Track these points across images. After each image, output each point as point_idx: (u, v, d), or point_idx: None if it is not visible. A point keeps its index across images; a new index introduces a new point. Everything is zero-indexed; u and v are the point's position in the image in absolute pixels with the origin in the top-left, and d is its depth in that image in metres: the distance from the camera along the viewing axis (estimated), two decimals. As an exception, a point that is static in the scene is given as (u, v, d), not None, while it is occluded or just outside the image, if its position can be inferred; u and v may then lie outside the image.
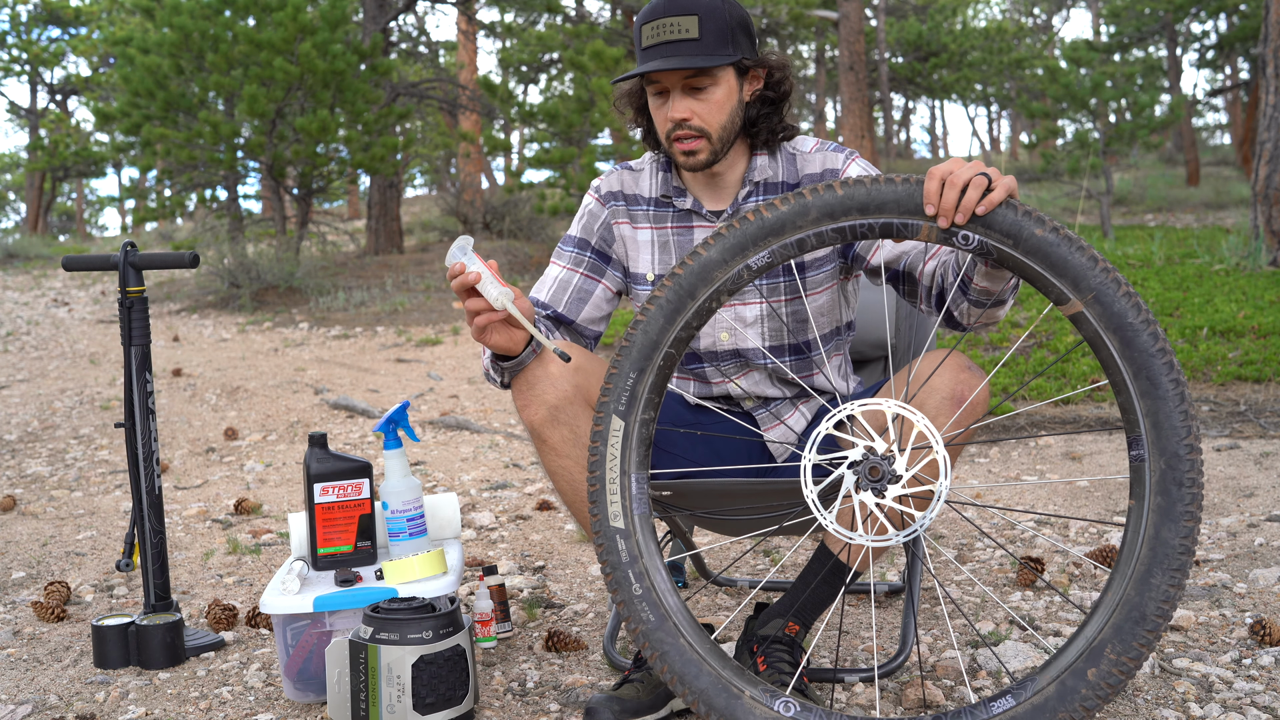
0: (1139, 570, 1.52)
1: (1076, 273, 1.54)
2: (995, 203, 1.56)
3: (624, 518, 1.68)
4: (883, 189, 1.59)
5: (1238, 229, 9.25)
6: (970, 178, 1.56)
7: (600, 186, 2.11)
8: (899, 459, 1.61)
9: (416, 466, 4.26)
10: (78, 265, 2.47)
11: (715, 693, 1.61)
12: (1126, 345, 1.53)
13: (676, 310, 1.66)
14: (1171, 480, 1.51)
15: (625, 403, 1.68)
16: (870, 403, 1.63)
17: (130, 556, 2.37)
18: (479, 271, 1.75)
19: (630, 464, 1.68)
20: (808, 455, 1.63)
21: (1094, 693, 1.51)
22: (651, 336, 1.67)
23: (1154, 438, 1.52)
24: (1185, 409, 1.51)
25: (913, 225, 1.59)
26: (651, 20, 1.89)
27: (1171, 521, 1.51)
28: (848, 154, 2.01)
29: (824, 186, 1.62)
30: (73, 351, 7.98)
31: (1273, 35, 7.15)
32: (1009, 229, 1.56)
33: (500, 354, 1.88)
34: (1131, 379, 1.53)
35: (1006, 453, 4.07)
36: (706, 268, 1.65)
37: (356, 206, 25.17)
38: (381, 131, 11.87)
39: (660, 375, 1.68)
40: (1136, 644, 1.50)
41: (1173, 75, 21.12)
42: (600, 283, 2.08)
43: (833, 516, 1.63)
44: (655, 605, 1.65)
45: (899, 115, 33.58)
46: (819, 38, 21.83)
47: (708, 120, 1.91)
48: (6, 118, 41.46)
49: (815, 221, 1.62)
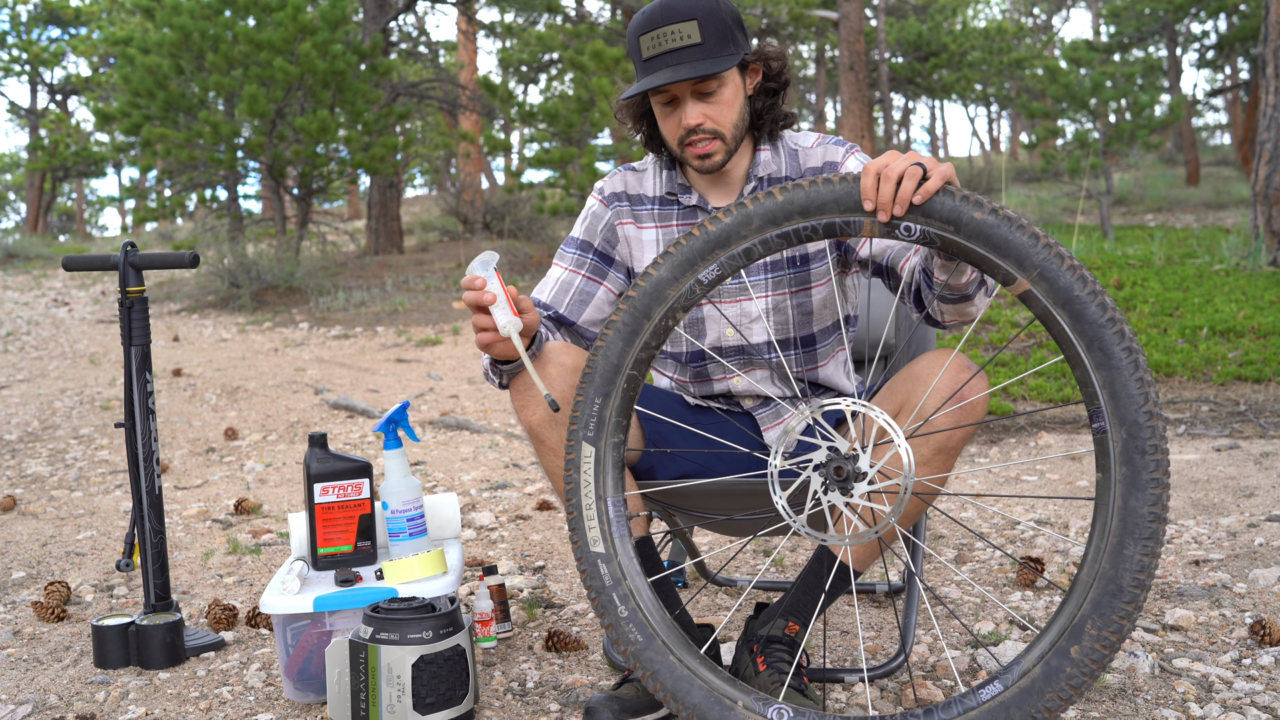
0: (1111, 543, 1.50)
1: (1019, 252, 1.53)
2: (931, 191, 1.55)
3: (604, 542, 1.69)
4: (821, 190, 1.60)
5: (1238, 229, 9.25)
6: (905, 169, 1.55)
7: (604, 188, 2.11)
8: (863, 457, 1.61)
9: (416, 466, 4.26)
10: (78, 265, 2.47)
11: (709, 706, 1.62)
12: (1076, 318, 1.52)
13: (634, 332, 1.68)
14: (1134, 449, 1.50)
15: (594, 428, 1.69)
16: (830, 403, 1.64)
17: (130, 556, 2.37)
18: (495, 294, 1.78)
19: (605, 488, 1.70)
20: (774, 460, 1.64)
21: (1079, 670, 1.50)
22: (612, 361, 1.69)
23: (1113, 408, 1.51)
24: (1140, 376, 1.50)
25: (855, 222, 1.59)
26: (649, 30, 1.87)
27: (1139, 490, 1.50)
28: (848, 147, 2.01)
29: (764, 194, 1.62)
30: (73, 351, 7.98)
31: (1273, 35, 7.15)
32: (948, 215, 1.55)
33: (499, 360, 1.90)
34: (1085, 351, 1.52)
35: (1006, 453, 4.07)
36: (659, 287, 1.66)
37: (356, 206, 25.19)
38: (381, 131, 11.87)
39: (625, 398, 1.69)
40: (1116, 617, 1.49)
41: (1173, 75, 21.12)
42: (602, 285, 2.08)
43: (803, 519, 1.63)
44: (642, 626, 1.67)
45: (899, 115, 33.57)
46: (819, 38, 21.82)
47: (721, 122, 1.92)
48: (6, 118, 41.51)
49: (759, 229, 1.62)
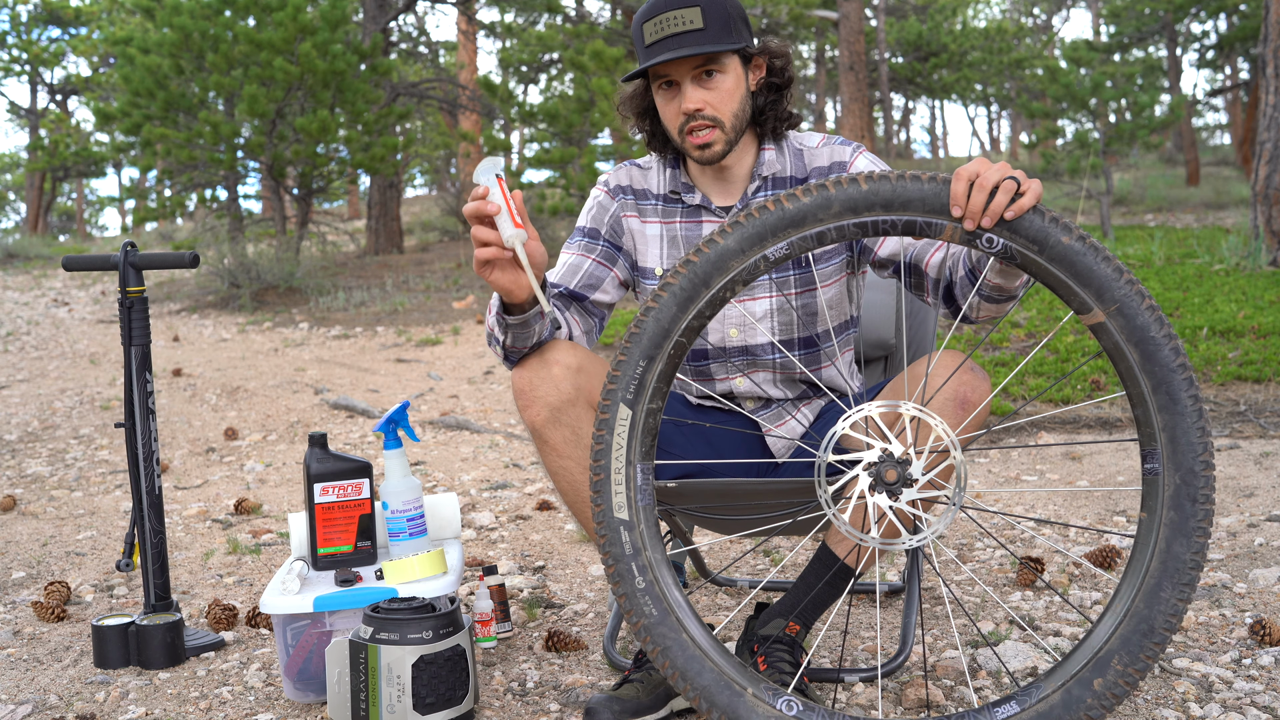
0: (1149, 583, 1.51)
1: (1101, 283, 1.52)
2: (1025, 208, 1.53)
3: (629, 509, 1.64)
4: (909, 186, 1.55)
5: (1238, 229, 9.25)
6: (999, 180, 1.53)
7: (609, 181, 2.12)
8: (916, 463, 1.59)
9: (416, 466, 4.26)
10: (78, 265, 2.47)
11: (718, 690, 1.60)
12: (1148, 359, 1.51)
13: (690, 298, 1.61)
14: (1186, 496, 1.51)
15: (634, 391, 1.63)
16: (888, 404, 1.61)
17: (130, 556, 2.37)
18: (499, 205, 1.69)
19: (636, 454, 1.64)
20: (822, 455, 1.61)
21: (1099, 702, 1.51)
22: (663, 324, 1.62)
23: (1170, 452, 1.52)
24: (1202, 425, 1.51)
25: (937, 225, 1.56)
26: (653, 17, 1.88)
27: (1184, 536, 1.51)
28: (855, 147, 2.02)
29: (848, 179, 1.57)
30: (73, 351, 7.98)
31: (1273, 35, 7.15)
32: (1035, 235, 1.53)
33: (507, 306, 1.83)
34: (1151, 393, 1.52)
35: (1006, 453, 4.07)
36: (723, 256, 1.60)
37: (356, 206, 25.17)
38: (381, 131, 11.87)
39: (670, 364, 1.63)
40: (1144, 656, 1.51)
41: (1173, 75, 21.12)
42: (611, 270, 2.07)
43: (846, 517, 1.62)
44: (659, 599, 1.62)
45: (899, 115, 33.56)
46: (819, 38, 21.82)
47: (720, 109, 1.92)
48: (6, 118, 41.48)
49: (837, 215, 1.57)
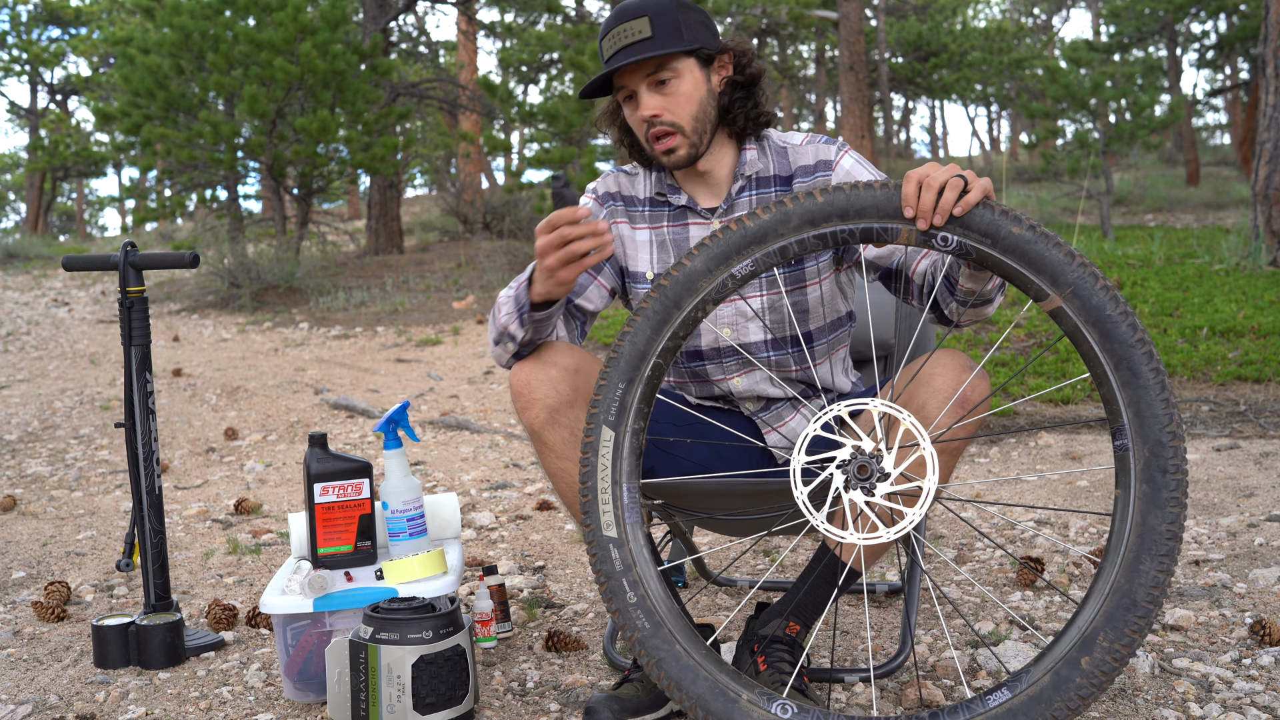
0: (1128, 558, 1.54)
1: (1054, 269, 1.57)
2: (972, 203, 1.58)
3: (617, 527, 1.69)
4: (862, 194, 1.62)
5: (1238, 229, 9.25)
6: (946, 179, 1.59)
7: (597, 188, 2.14)
8: (887, 457, 1.63)
9: (416, 466, 4.26)
10: (78, 265, 2.47)
11: (712, 697, 1.62)
12: (1106, 337, 1.56)
13: (663, 321, 1.68)
14: (1156, 467, 1.54)
15: (615, 413, 1.70)
16: (857, 403, 1.65)
17: (130, 556, 2.37)
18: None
19: (621, 474, 1.70)
20: (796, 457, 1.64)
21: (1089, 681, 1.52)
22: (639, 347, 1.69)
23: (1137, 426, 1.55)
24: (1166, 397, 1.54)
25: (892, 229, 1.62)
26: (608, 33, 1.95)
27: (1158, 508, 1.53)
28: (840, 145, 2.03)
29: (804, 194, 1.64)
30: (73, 351, 7.98)
31: (1273, 35, 7.15)
32: (986, 229, 1.59)
33: (539, 303, 1.87)
34: (1112, 370, 1.56)
35: (1006, 453, 4.07)
36: (691, 278, 1.67)
37: (356, 206, 25.19)
38: (381, 131, 11.87)
39: (649, 385, 1.70)
40: (1129, 631, 1.52)
41: (1173, 75, 21.12)
42: (596, 278, 2.09)
43: (823, 516, 1.63)
44: (650, 613, 1.66)
45: (899, 115, 33.58)
46: (819, 38, 21.82)
47: (677, 114, 1.94)
48: (6, 118, 41.46)
49: (797, 229, 1.64)
